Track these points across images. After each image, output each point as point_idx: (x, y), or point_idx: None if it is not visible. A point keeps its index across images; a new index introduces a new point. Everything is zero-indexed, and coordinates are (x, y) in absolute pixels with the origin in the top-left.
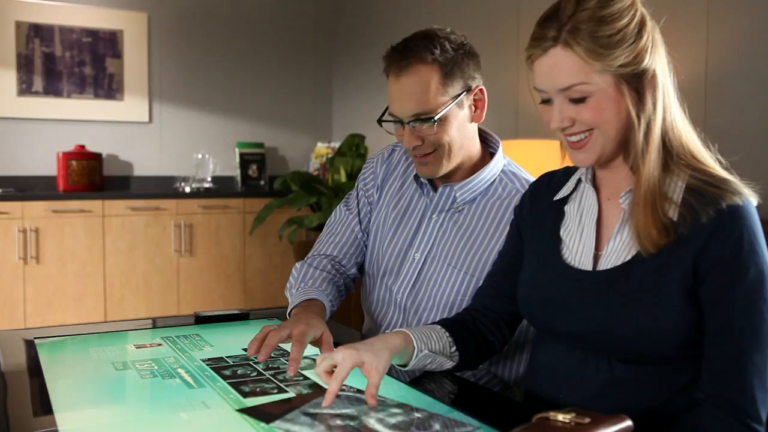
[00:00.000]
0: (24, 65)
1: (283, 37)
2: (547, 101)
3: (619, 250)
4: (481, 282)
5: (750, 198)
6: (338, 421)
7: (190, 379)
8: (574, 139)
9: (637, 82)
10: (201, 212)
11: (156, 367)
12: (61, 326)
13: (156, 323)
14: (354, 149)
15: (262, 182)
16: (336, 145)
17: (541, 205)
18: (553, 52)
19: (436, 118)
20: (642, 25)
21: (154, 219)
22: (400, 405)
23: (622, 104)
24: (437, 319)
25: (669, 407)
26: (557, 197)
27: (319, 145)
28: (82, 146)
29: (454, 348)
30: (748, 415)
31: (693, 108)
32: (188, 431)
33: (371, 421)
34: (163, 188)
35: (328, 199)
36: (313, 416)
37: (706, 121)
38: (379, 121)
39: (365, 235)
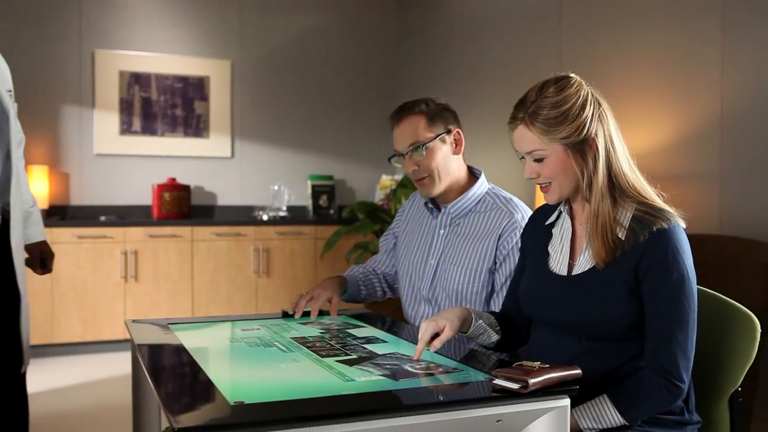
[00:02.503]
0: (125, 108)
1: (351, 79)
2: (522, 158)
3: (585, 261)
4: (476, 274)
5: (678, 222)
6: (389, 365)
7: (283, 348)
8: (541, 185)
9: (579, 147)
10: (277, 238)
11: (258, 341)
12: (185, 317)
13: (254, 318)
14: None
15: (331, 211)
16: (399, 177)
17: (537, 229)
18: (520, 128)
19: (424, 145)
20: (583, 106)
21: (236, 244)
22: (425, 361)
23: (569, 163)
24: (451, 305)
25: (620, 371)
26: (547, 222)
27: (384, 177)
28: (174, 179)
29: (498, 327)
30: (673, 375)
31: (708, 149)
32: (286, 373)
33: (406, 366)
34: (244, 216)
35: None
36: (376, 364)
37: (722, 161)
38: (389, 159)
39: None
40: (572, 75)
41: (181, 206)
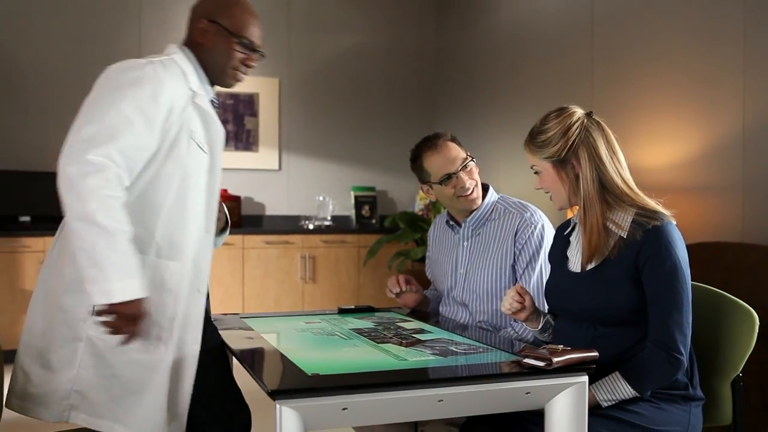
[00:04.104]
0: None
1: (392, 95)
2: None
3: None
4: (502, 273)
5: (671, 220)
6: (437, 348)
7: (343, 337)
8: (547, 193)
9: (562, 165)
10: (322, 246)
11: (321, 331)
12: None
13: (315, 313)
14: None
15: (373, 221)
16: None
17: (559, 239)
18: (526, 149)
19: (472, 160)
20: (565, 133)
21: (284, 251)
22: (466, 344)
23: (556, 178)
24: (482, 305)
25: (629, 352)
26: (565, 233)
27: None
28: (225, 190)
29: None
30: (672, 348)
31: (731, 161)
32: (349, 354)
33: (451, 347)
34: (291, 225)
35: None
36: (426, 346)
37: (744, 172)
38: (439, 183)
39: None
40: (570, 107)
41: (233, 216)
